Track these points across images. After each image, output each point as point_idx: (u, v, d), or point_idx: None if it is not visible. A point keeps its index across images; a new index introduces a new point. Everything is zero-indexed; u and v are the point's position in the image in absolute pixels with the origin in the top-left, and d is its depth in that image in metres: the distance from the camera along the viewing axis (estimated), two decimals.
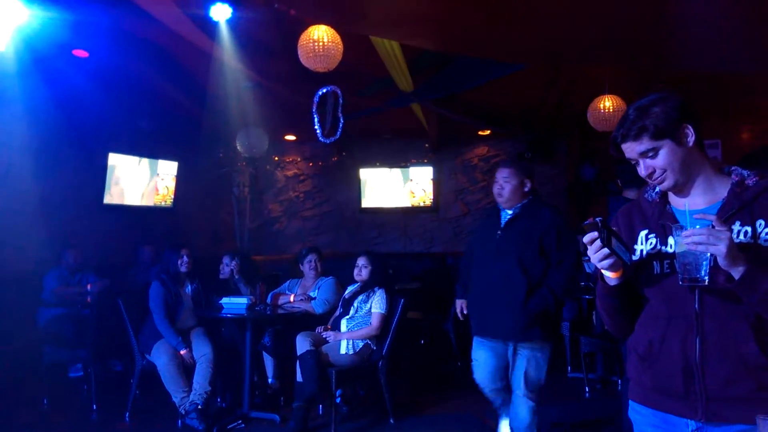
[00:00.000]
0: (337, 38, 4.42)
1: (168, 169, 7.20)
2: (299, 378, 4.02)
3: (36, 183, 5.15)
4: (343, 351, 4.09)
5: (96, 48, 5.06)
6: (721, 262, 1.34)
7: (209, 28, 4.65)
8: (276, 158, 8.65)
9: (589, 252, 1.44)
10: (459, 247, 8.48)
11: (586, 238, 1.43)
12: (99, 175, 6.38)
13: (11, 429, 3.97)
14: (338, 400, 4.31)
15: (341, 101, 5.26)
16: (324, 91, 5.18)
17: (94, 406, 4.42)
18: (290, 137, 8.56)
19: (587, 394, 4.86)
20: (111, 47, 4.96)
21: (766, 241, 1.41)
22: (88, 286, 5.16)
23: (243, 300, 4.33)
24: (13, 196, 5.02)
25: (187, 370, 4.14)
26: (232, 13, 4.44)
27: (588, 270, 5.49)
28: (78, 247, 5.45)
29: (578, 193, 8.40)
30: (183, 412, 4.01)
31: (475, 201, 8.72)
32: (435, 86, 6.13)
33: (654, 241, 1.54)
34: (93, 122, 6.09)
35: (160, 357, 4.11)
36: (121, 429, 4.13)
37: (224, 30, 4.72)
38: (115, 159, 6.53)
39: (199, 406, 3.97)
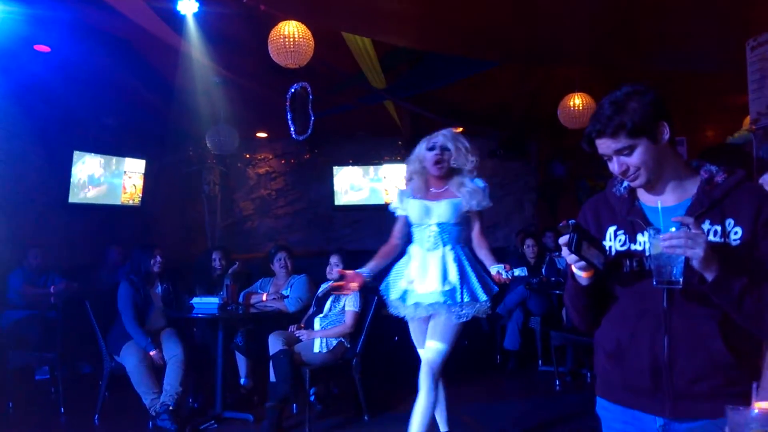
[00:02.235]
0: (308, 34, 4.38)
1: (135, 167, 7.04)
2: (272, 377, 3.99)
3: None
4: (316, 350, 4.06)
5: (59, 43, 4.92)
6: (696, 264, 1.34)
7: (176, 22, 4.56)
8: (247, 156, 8.55)
9: (563, 253, 1.43)
10: None
11: (561, 240, 1.42)
12: (64, 174, 6.21)
13: None
14: (312, 398, 4.29)
15: (311, 98, 5.21)
16: (296, 87, 5.13)
17: (62, 409, 4.31)
18: (261, 134, 8.47)
19: (558, 387, 4.92)
20: (74, 42, 4.84)
21: (735, 240, 1.41)
22: (52, 288, 5.03)
23: (214, 300, 4.26)
24: None
25: (157, 371, 4.06)
26: (199, 7, 4.37)
27: (559, 266, 5.56)
28: (42, 246, 5.31)
29: (549, 190, 8.51)
30: (154, 413, 3.94)
31: None
32: (407, 83, 6.13)
33: (623, 238, 1.53)
34: (57, 119, 5.93)
35: (129, 358, 4.03)
36: (90, 431, 4.04)
37: (191, 24, 4.63)
38: (80, 157, 6.37)
39: (171, 407, 3.90)
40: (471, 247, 3.13)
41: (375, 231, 8.75)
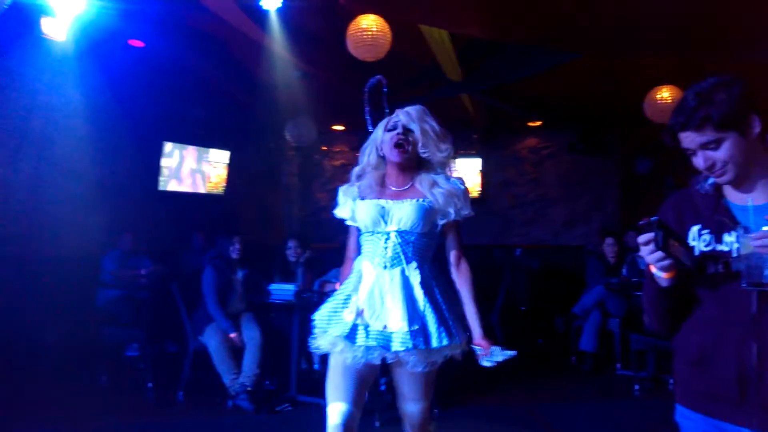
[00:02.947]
0: (386, 27, 4.41)
1: (220, 157, 7.37)
2: None
3: (94, 169, 5.35)
4: None
5: (150, 38, 5.20)
6: None
7: (260, 17, 4.72)
8: (324, 148, 8.72)
9: (643, 252, 1.37)
10: (507, 240, 8.39)
11: (641, 239, 1.36)
12: (154, 163, 6.58)
13: (72, 404, 4.16)
14: (383, 387, 4.35)
15: (386, 90, 5.25)
16: (373, 80, 5.18)
17: (150, 384, 4.59)
18: (338, 127, 8.61)
19: (636, 393, 4.74)
20: (165, 37, 5.10)
21: None
22: (143, 270, 5.35)
23: (290, 287, 4.41)
24: (74, 180, 5.22)
25: (237, 352, 4.26)
26: (282, 3, 4.49)
27: (641, 266, 5.34)
28: (133, 231, 5.65)
29: (633, 187, 8.16)
30: (233, 393, 4.14)
31: (523, 193, 8.59)
32: (485, 75, 6.04)
33: (708, 237, 1.44)
34: (148, 111, 6.27)
35: (212, 339, 4.24)
36: (175, 406, 4.29)
37: (274, 20, 4.77)
38: (169, 147, 6.73)
39: (248, 388, 4.10)
40: (441, 269, 2.30)
41: None
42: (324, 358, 4.65)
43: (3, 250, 4.63)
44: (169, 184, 6.81)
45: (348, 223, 2.34)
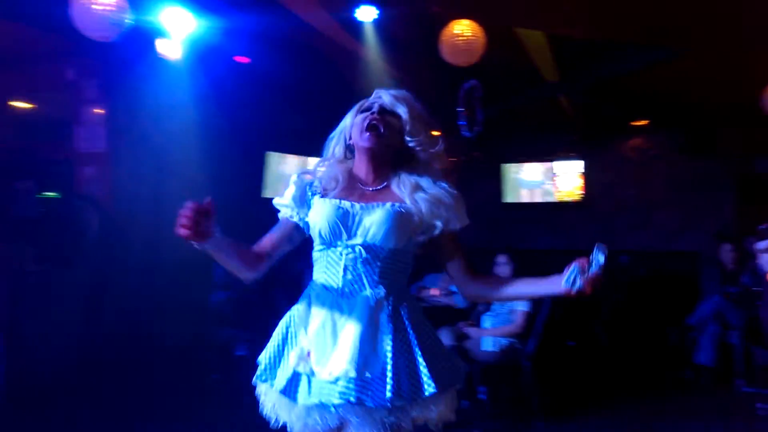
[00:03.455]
0: (480, 31, 4.37)
1: None
2: None
3: (203, 178, 5.70)
4: (485, 348, 4.06)
5: (255, 53, 5.48)
6: None
7: (355, 29, 4.84)
8: None
9: (763, 260, 1.26)
10: (610, 246, 7.98)
11: (761, 245, 1.25)
12: (258, 172, 6.91)
13: (184, 399, 4.44)
14: (483, 397, 4.28)
15: (480, 95, 5.20)
16: (467, 85, 5.15)
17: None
18: (434, 133, 8.61)
19: (760, 411, 4.35)
20: (268, 52, 5.35)
21: None
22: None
23: None
24: (185, 188, 5.59)
25: None
26: (378, 14, 4.58)
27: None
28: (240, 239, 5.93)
29: (751, 189, 7.52)
30: None
31: (627, 197, 8.17)
32: (583, 74, 5.84)
33: None
34: (252, 123, 6.60)
35: None
36: None
37: (369, 30, 4.88)
38: (272, 156, 7.04)
39: None
40: (415, 300, 1.78)
41: (546, 230, 8.48)
42: None
43: (130, 259, 5.04)
44: (272, 191, 7.12)
45: (282, 215, 1.80)
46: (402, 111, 1.75)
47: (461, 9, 4.43)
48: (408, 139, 1.75)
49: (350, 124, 1.79)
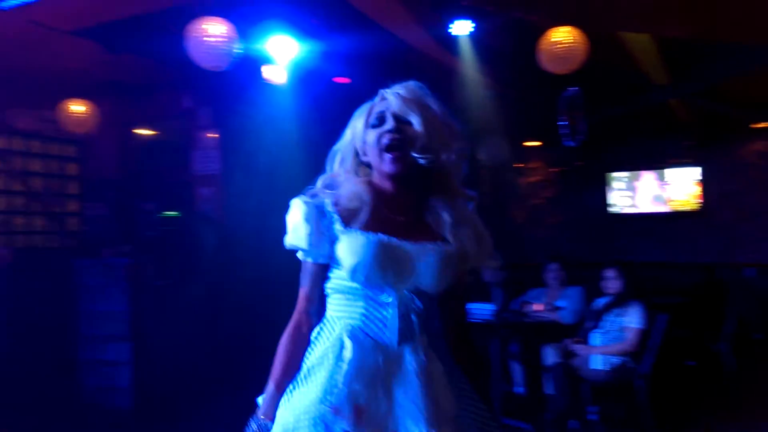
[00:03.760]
0: (580, 37, 4.24)
1: None
2: (548, 390, 3.93)
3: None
4: (595, 366, 3.88)
5: (354, 73, 5.65)
6: None
7: (450, 43, 4.87)
8: (518, 165, 8.60)
9: None
10: (733, 258, 7.40)
11: None
12: None
13: None
14: (595, 417, 4.09)
15: (581, 102, 5.04)
16: (568, 93, 5.01)
17: None
18: (532, 143, 8.45)
19: None
20: (366, 72, 5.49)
21: None
22: None
23: (489, 306, 4.39)
24: (287, 203, 5.84)
25: None
26: (474, 27, 4.58)
27: None
28: None
29: None
30: None
31: (752, 205, 7.52)
32: (696, 75, 5.48)
33: None
34: None
35: None
36: None
37: (465, 44, 4.89)
38: None
39: None
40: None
41: (658, 242, 7.99)
42: (526, 381, 4.56)
43: (242, 272, 5.33)
44: None
45: (306, 258, 1.45)
46: (414, 120, 1.40)
47: (560, 17, 4.32)
48: (420, 155, 1.38)
49: (361, 138, 1.46)
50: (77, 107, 5.54)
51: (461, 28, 4.60)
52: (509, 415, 4.26)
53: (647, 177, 7.93)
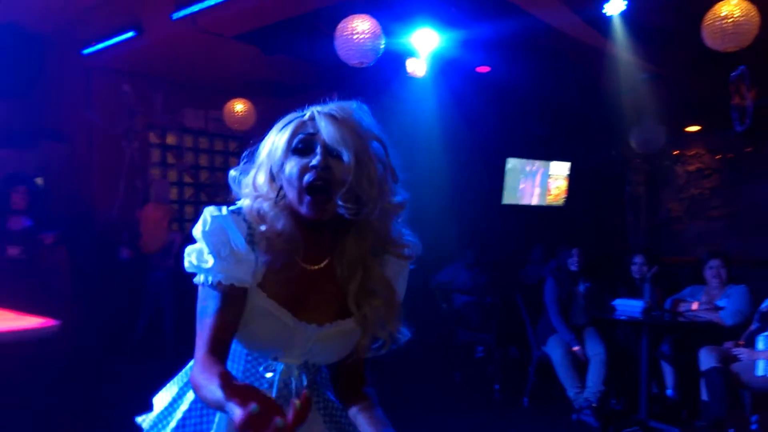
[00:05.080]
0: (752, 10, 3.82)
1: (560, 169, 7.42)
2: (704, 395, 3.65)
3: (445, 184, 5.98)
4: (761, 372, 3.52)
5: (494, 62, 5.58)
6: None
7: (601, 24, 4.62)
8: (676, 152, 7.95)
9: None
10: None
11: None
12: (497, 178, 7.00)
13: (428, 396, 4.70)
14: (754, 426, 3.73)
15: (748, 83, 4.54)
16: (736, 73, 4.54)
17: (497, 386, 4.87)
18: (692, 128, 7.76)
19: None
20: (506, 59, 5.41)
21: None
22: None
23: (638, 303, 4.16)
24: (433, 198, 5.93)
25: (581, 366, 4.21)
26: (627, 5, 4.32)
27: None
28: (477, 245, 6.08)
29: None
30: (577, 407, 4.11)
31: None
32: None
33: None
34: (492, 130, 6.72)
35: (555, 350, 4.29)
36: (519, 410, 4.46)
37: (618, 24, 4.62)
38: (511, 163, 7.08)
39: (593, 404, 4.01)
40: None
41: None
42: (678, 384, 4.26)
43: None
44: (511, 197, 7.14)
45: (225, 280, 1.14)
46: (346, 156, 1.13)
47: None
48: (341, 203, 1.12)
49: (278, 164, 1.16)
50: (239, 106, 6.08)
51: (614, 6, 4.35)
52: (658, 418, 4.03)
53: None
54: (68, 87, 5.84)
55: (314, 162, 1.12)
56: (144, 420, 1.34)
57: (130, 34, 5.08)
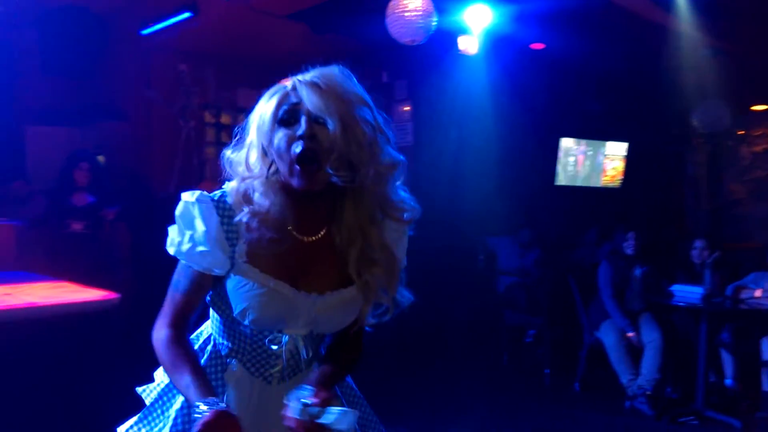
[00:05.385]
0: None
1: (616, 149, 7.19)
2: (765, 386, 3.50)
3: (500, 166, 5.88)
4: None
5: (550, 39, 5.41)
6: None
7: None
8: (740, 132, 7.57)
9: None
10: None
11: None
12: (551, 159, 6.83)
13: (476, 379, 4.68)
14: None
15: None
16: None
17: (547, 371, 4.81)
18: (759, 107, 7.35)
19: None
20: (562, 35, 5.22)
21: None
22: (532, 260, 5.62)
23: (697, 289, 4.01)
24: (484, 178, 5.85)
25: (635, 353, 4.10)
26: None
27: None
28: (531, 225, 5.98)
29: None
30: (631, 394, 4.02)
31: None
32: None
33: None
34: (547, 109, 6.54)
35: (608, 336, 4.19)
36: (571, 396, 4.40)
37: None
38: (566, 143, 6.89)
39: (647, 392, 3.91)
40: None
41: None
42: (738, 374, 4.10)
43: (430, 239, 5.52)
44: (565, 178, 6.96)
45: (195, 264, 1.18)
46: (331, 123, 1.11)
47: None
48: (332, 172, 1.11)
49: (267, 136, 1.16)
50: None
51: None
52: (715, 408, 3.90)
53: None
54: (128, 66, 6.00)
55: (300, 132, 1.12)
56: (144, 391, 1.35)
57: (186, 15, 5.17)
